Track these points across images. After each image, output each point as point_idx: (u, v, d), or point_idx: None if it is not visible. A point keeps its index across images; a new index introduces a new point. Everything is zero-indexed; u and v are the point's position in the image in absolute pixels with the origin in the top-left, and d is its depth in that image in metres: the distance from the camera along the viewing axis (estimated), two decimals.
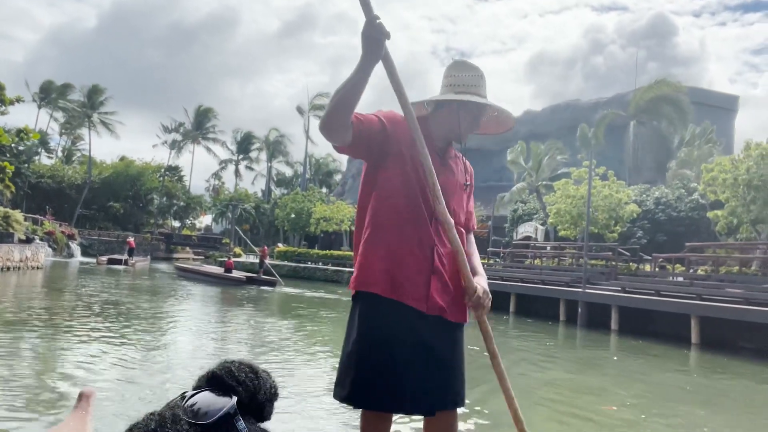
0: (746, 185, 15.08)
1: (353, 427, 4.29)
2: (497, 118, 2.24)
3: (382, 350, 1.88)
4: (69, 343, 7.64)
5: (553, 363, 9.59)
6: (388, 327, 1.90)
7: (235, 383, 0.77)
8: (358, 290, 1.99)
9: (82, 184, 49.93)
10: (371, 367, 1.87)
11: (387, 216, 1.98)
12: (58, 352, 7.12)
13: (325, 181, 60.98)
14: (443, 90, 2.12)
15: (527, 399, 5.97)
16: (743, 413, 6.54)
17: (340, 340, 1.99)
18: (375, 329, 1.90)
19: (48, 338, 8.01)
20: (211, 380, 0.78)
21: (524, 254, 23.97)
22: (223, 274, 22.42)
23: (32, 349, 7.18)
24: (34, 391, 4.99)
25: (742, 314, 11.54)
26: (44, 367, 6.06)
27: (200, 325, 11.09)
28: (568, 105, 54.20)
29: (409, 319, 1.91)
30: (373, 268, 1.95)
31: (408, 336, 1.90)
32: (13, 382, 5.22)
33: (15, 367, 5.88)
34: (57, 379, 5.47)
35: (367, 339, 1.90)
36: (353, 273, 2.05)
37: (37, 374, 5.65)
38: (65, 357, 6.73)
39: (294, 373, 6.80)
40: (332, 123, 1.82)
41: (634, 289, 14.75)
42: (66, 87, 51.68)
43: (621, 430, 5.25)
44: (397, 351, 1.88)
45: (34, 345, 7.51)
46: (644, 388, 7.50)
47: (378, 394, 1.87)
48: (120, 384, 5.39)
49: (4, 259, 19.47)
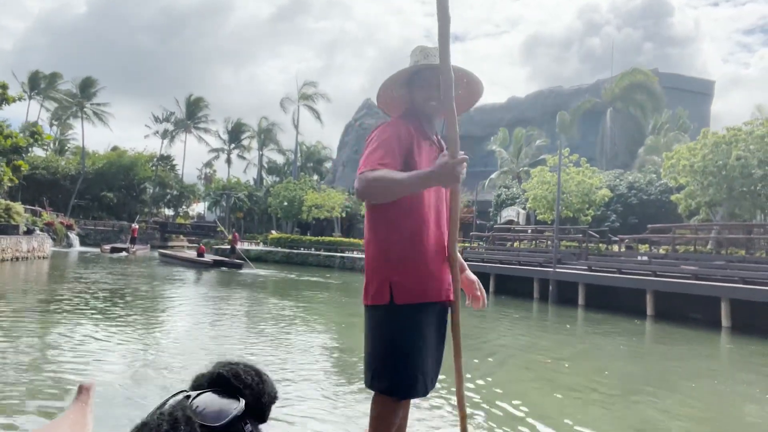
0: (702, 171, 16.47)
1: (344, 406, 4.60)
2: (468, 87, 2.25)
3: (419, 346, 2.02)
4: (71, 331, 7.52)
5: (515, 330, 10.97)
6: (419, 326, 2.04)
7: (242, 386, 0.76)
8: (381, 304, 2.05)
9: (76, 174, 50.63)
10: (412, 362, 2.01)
11: (407, 228, 2.05)
12: (62, 339, 6.92)
13: (316, 168, 61.99)
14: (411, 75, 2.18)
15: (487, 353, 7.36)
16: (659, 364, 7.92)
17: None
18: (408, 330, 2.02)
19: (53, 324, 8.04)
20: (216, 381, 0.77)
21: (505, 237, 25.32)
22: (196, 258, 24.86)
23: (38, 337, 7.02)
24: (34, 382, 4.85)
25: (689, 288, 13.01)
26: (45, 357, 5.89)
27: (198, 308, 11.44)
28: (551, 91, 55.29)
29: (433, 312, 2.08)
30: (396, 282, 2.02)
31: (433, 327, 2.09)
32: (14, 372, 5.13)
33: (18, 355, 5.82)
34: (58, 370, 5.32)
35: (403, 339, 2.02)
36: (369, 285, 2.10)
37: (39, 364, 5.50)
38: (68, 346, 6.51)
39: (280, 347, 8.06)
40: (373, 199, 1.97)
41: (599, 268, 16.17)
42: (54, 76, 51.89)
43: (542, 373, 6.64)
44: (428, 343, 2.06)
45: (39, 333, 7.39)
46: (583, 348, 8.98)
47: (417, 386, 2.02)
48: (121, 376, 5.21)
49: (13, 250, 20.53)
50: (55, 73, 52.15)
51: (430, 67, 2.07)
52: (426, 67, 2.09)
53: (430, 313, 2.05)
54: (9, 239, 20.50)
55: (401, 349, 2.00)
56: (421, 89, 2.11)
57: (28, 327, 7.76)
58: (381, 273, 2.04)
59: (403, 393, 2.03)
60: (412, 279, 2.01)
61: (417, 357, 2.00)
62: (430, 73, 2.09)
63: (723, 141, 16.21)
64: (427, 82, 2.09)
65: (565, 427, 4.42)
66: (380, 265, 2.05)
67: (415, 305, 2.01)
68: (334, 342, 8.06)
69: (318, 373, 5.82)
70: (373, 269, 2.07)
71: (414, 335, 2.01)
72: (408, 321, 2.00)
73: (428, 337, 2.05)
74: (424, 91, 2.10)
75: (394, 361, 2.00)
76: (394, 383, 2.01)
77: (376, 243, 2.08)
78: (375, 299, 2.04)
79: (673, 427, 4.76)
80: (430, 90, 2.07)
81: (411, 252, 2.03)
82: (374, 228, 2.09)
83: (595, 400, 5.49)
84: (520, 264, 18.91)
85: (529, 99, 55.63)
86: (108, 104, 54.02)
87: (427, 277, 2.03)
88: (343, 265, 28.43)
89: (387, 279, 2.02)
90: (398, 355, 2.00)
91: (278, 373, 5.64)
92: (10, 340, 6.62)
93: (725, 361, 9.07)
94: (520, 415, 4.60)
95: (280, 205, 43.17)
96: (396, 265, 2.02)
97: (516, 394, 5.34)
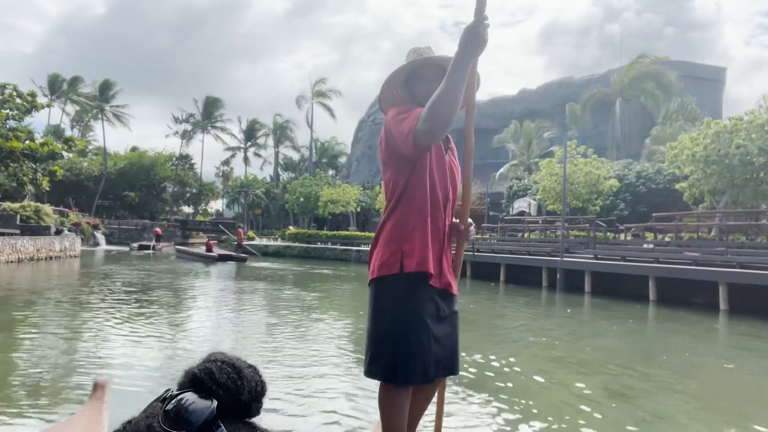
0: (704, 160, 16.94)
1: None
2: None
3: (418, 328, 2.00)
4: (101, 325, 7.79)
5: (519, 315, 11.68)
6: (421, 306, 2.02)
7: (215, 386, 0.73)
8: (389, 274, 2.05)
9: (99, 175, 52.23)
10: (410, 345, 1.98)
11: (419, 202, 2.08)
12: (90, 334, 7.17)
13: (331, 163, 63.03)
14: (408, 74, 2.23)
15: (489, 334, 8.12)
16: (642, 340, 8.59)
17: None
18: (410, 309, 2.01)
19: (85, 321, 8.27)
20: (193, 381, 0.75)
21: (516, 228, 25.91)
22: (204, 253, 27.10)
23: (59, 333, 7.16)
24: (54, 378, 4.94)
25: (688, 273, 13.58)
26: (69, 352, 6.03)
27: (219, 301, 12.26)
28: (561, 82, 55.38)
29: (432, 296, 2.07)
30: (407, 251, 2.05)
31: (433, 311, 2.06)
32: (35, 368, 5.25)
33: (45, 350, 6.03)
34: (78, 366, 5.44)
35: (403, 319, 2.01)
36: (378, 256, 2.12)
37: (62, 360, 5.62)
38: (94, 341, 6.68)
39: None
40: (445, 123, 1.85)
41: (605, 256, 16.76)
42: (75, 80, 53.43)
43: (533, 349, 7.40)
44: (429, 327, 2.02)
45: (70, 327, 7.61)
46: (576, 329, 9.69)
47: (417, 370, 1.99)
48: (143, 371, 5.28)
49: (47, 250, 21.73)
50: (75, 77, 53.62)
51: (425, 63, 2.16)
52: (421, 64, 2.16)
53: (432, 291, 2.06)
54: (43, 239, 21.69)
55: (400, 325, 2.00)
56: (421, 85, 2.17)
57: (61, 322, 8.14)
58: (394, 242, 2.08)
59: (402, 378, 2.00)
60: (418, 246, 2.04)
61: (416, 337, 1.99)
62: (426, 70, 2.17)
63: (725, 130, 16.66)
64: (425, 78, 2.16)
65: (540, 383, 5.18)
66: (395, 234, 2.09)
67: (421, 274, 2.02)
68: (352, 327, 8.85)
69: (336, 357, 6.51)
70: (389, 239, 2.10)
71: (414, 310, 2.01)
72: (410, 291, 2.02)
73: (430, 317, 2.03)
74: (424, 86, 2.15)
75: (391, 343, 2.00)
76: (390, 368, 2.00)
77: (394, 215, 2.12)
78: (382, 269, 2.07)
79: (634, 385, 5.48)
80: (430, 84, 2.10)
81: (420, 223, 2.07)
82: (396, 199, 2.12)
83: (570, 364, 6.25)
84: (530, 254, 19.54)
85: (540, 90, 55.73)
86: (126, 106, 55.57)
87: (428, 249, 2.06)
88: (359, 259, 29.26)
89: (399, 248, 2.06)
90: (397, 333, 2.00)
91: (301, 359, 6.35)
92: (42, 335, 7.03)
93: (705, 338, 9.60)
94: (505, 371, 5.36)
95: (297, 201, 44.16)
96: (408, 233, 2.06)
97: (505, 359, 6.09)
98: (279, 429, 3.69)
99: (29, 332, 7.32)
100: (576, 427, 4.13)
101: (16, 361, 5.72)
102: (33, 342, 6.66)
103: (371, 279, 2.13)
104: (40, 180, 23.71)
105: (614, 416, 4.46)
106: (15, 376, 5.09)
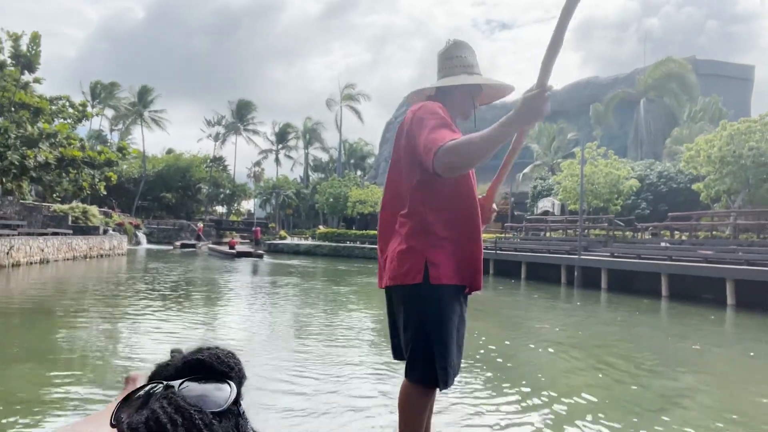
0: (719, 161, 17.53)
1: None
2: (495, 87, 2.26)
3: (452, 332, 2.00)
4: (145, 318, 8.08)
5: (533, 307, 12.61)
6: (454, 311, 2.02)
7: (227, 369, 0.72)
8: (436, 283, 1.97)
9: (138, 177, 54.68)
10: (453, 351, 2.00)
11: (463, 206, 2.04)
12: (132, 327, 7.41)
13: (358, 164, 64.39)
14: (453, 71, 2.17)
15: (503, 320, 9.14)
16: (638, 328, 9.44)
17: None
18: (447, 314, 1.99)
19: (129, 314, 8.59)
20: (195, 369, 0.71)
21: (539, 227, 26.65)
22: (228, 251, 29.63)
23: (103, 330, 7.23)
24: (90, 370, 5.07)
25: (698, 270, 14.29)
26: (110, 345, 6.22)
27: (253, 295, 13.06)
28: (588, 82, 55.43)
29: (462, 297, 2.07)
30: (443, 261, 1.99)
31: (460, 312, 2.06)
32: (69, 362, 5.37)
33: (85, 342, 6.20)
34: (116, 358, 5.62)
35: (448, 325, 1.99)
36: (410, 261, 2.01)
37: (102, 354, 5.81)
38: (135, 335, 6.89)
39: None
40: (461, 167, 1.81)
41: (621, 254, 17.50)
42: (113, 85, 55.63)
43: (538, 336, 8.38)
44: (459, 330, 2.04)
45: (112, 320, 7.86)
46: (579, 319, 10.63)
47: (453, 374, 2.02)
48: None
49: (98, 248, 23.48)
50: (113, 82, 56.06)
51: (488, 84, 2.18)
52: (485, 82, 2.17)
53: (460, 297, 2.05)
54: (94, 239, 23.44)
55: (438, 335, 1.97)
56: (462, 98, 2.19)
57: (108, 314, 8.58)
58: (417, 250, 1.99)
59: (443, 384, 1.99)
60: (449, 259, 1.98)
61: (451, 344, 1.98)
62: (477, 89, 2.19)
63: (738, 132, 17.23)
64: (458, 97, 2.18)
65: (531, 360, 6.21)
66: (419, 242, 2.00)
67: (449, 287, 1.98)
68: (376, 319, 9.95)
69: (365, 345, 7.59)
70: (409, 247, 2.00)
71: (448, 321, 1.98)
72: (441, 303, 1.97)
73: (459, 323, 2.03)
74: (463, 97, 2.18)
75: (430, 350, 1.97)
76: (433, 374, 1.97)
77: (419, 219, 2.02)
78: (406, 278, 1.99)
79: (616, 363, 6.44)
80: (467, 104, 2.17)
81: (455, 233, 2.01)
82: (422, 202, 2.03)
83: (560, 344, 7.24)
84: (549, 252, 20.34)
85: (566, 90, 55.74)
86: (164, 110, 57.97)
87: (463, 260, 2.02)
88: None
89: (423, 257, 1.98)
90: (434, 341, 1.96)
91: (332, 352, 7.46)
92: (86, 326, 7.39)
93: (698, 328, 10.28)
94: (500, 352, 6.40)
95: (327, 202, 45.55)
96: (435, 242, 1.99)
97: (502, 342, 7.12)
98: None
99: (83, 321, 7.86)
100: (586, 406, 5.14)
101: (64, 345, 6.22)
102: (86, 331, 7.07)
103: (412, 284, 2.01)
104: (98, 185, 25.72)
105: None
106: (58, 363, 5.35)
